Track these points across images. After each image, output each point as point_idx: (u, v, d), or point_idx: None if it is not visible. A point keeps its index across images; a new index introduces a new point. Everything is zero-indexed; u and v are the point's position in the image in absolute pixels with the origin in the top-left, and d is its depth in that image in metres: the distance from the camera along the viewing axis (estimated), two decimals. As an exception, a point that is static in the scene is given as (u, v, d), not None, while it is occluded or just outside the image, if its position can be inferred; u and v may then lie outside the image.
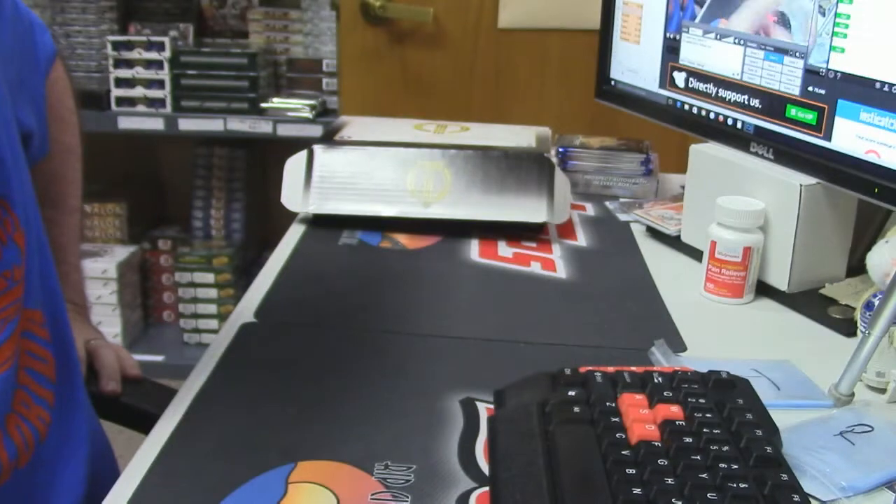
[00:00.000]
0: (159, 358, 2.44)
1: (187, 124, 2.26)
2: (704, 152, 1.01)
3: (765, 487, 0.52)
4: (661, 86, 1.09)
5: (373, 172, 1.07)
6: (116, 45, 2.27)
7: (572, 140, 1.29)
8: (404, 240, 1.05)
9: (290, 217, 1.09)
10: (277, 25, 2.39)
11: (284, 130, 2.23)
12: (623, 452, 0.55)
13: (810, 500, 0.54)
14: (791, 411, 0.69)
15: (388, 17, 1.91)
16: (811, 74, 0.87)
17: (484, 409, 0.69)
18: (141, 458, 0.61)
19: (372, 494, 0.58)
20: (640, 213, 1.13)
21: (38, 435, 0.67)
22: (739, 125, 0.97)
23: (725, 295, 0.91)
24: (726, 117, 0.99)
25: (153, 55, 2.26)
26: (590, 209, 1.20)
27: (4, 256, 0.63)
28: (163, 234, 2.54)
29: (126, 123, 2.26)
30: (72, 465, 0.71)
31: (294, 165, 1.07)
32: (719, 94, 1.00)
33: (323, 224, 1.07)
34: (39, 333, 0.69)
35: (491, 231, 1.07)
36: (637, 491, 0.51)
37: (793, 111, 0.90)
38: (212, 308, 2.47)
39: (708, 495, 0.51)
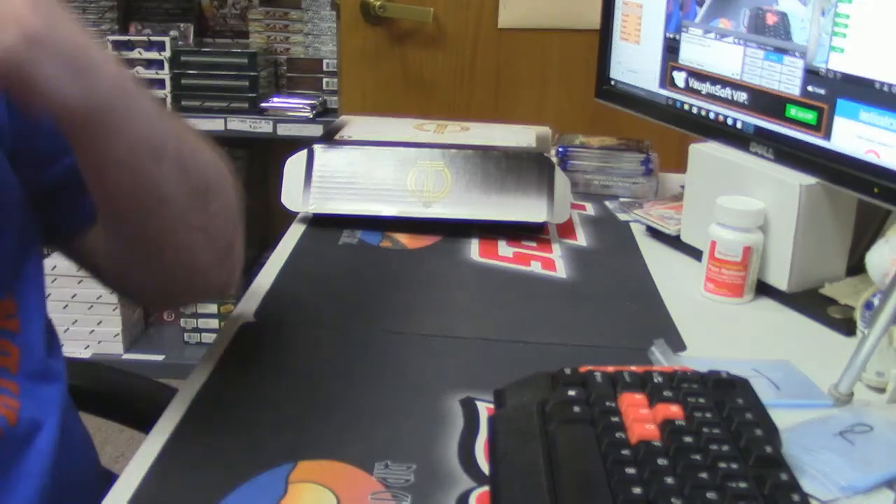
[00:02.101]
0: (159, 357, 2.44)
1: (187, 124, 2.26)
2: (704, 152, 1.01)
3: (764, 487, 0.52)
4: (661, 86, 1.09)
5: (373, 172, 1.07)
6: (117, 45, 2.26)
7: (572, 140, 1.29)
8: (404, 239, 1.05)
9: (290, 217, 1.09)
10: (278, 25, 2.39)
11: (284, 130, 2.23)
12: (623, 452, 0.55)
13: (810, 499, 0.54)
14: (791, 411, 0.68)
15: (388, 17, 1.91)
16: (811, 74, 0.87)
17: (484, 409, 0.69)
18: (141, 458, 0.61)
19: (372, 494, 0.58)
20: (640, 212, 1.12)
21: (6, 421, 0.64)
22: (739, 125, 0.97)
23: (725, 295, 0.91)
24: (726, 117, 0.99)
25: (153, 55, 2.26)
26: (590, 209, 1.20)
27: None
28: (163, 234, 2.54)
29: (126, 123, 2.26)
30: (31, 454, 0.67)
31: (294, 165, 1.07)
32: (719, 94, 1.00)
33: (323, 224, 1.07)
34: (8, 326, 0.66)
35: (491, 231, 1.07)
36: (637, 491, 0.51)
37: (793, 111, 0.90)
38: (212, 308, 2.47)
39: (708, 495, 0.51)
